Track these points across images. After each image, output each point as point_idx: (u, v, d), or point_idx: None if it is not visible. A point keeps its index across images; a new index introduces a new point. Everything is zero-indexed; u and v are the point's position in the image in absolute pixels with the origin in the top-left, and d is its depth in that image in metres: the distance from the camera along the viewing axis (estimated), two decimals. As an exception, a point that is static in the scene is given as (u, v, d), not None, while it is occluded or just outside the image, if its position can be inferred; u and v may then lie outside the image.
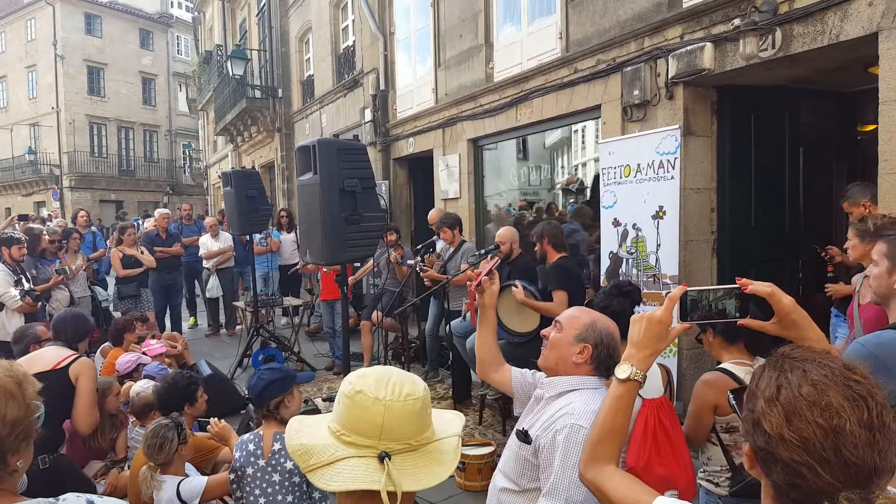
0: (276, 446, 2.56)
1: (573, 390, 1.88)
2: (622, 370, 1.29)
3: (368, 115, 9.37)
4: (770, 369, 0.94)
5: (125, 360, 4.42)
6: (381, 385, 1.10)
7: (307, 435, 1.14)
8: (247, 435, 2.67)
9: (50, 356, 3.25)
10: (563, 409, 1.83)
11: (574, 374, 1.91)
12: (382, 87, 9.09)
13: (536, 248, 4.58)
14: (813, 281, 4.91)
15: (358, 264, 6.72)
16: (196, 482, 2.81)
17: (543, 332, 2.06)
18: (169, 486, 2.75)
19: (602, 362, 1.90)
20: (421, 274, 5.68)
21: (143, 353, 4.63)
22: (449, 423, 1.22)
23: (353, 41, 10.48)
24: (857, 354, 1.60)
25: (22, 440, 1.33)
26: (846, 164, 5.82)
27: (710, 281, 4.88)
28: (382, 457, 1.07)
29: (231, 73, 13.19)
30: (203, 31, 22.05)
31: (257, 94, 13.98)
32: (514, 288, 4.24)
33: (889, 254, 1.69)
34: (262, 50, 14.45)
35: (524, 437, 1.90)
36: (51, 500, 1.31)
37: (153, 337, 5.50)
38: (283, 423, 2.64)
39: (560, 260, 4.46)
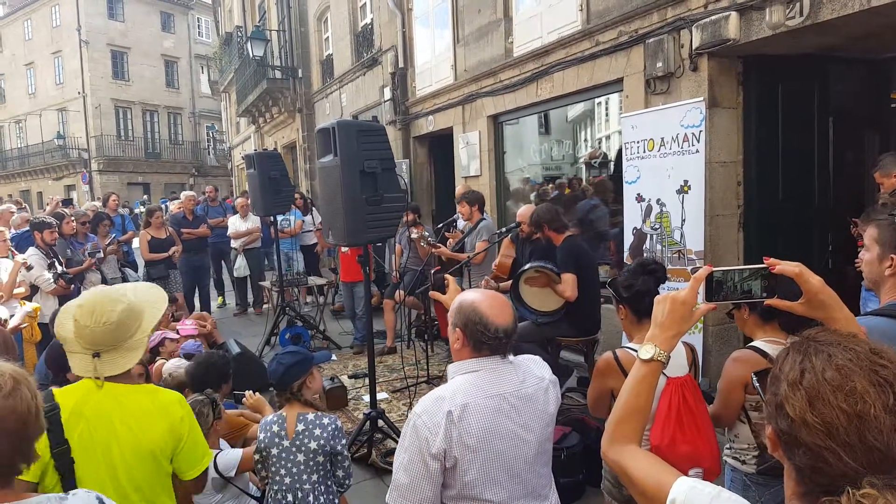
0: (300, 427, 2.61)
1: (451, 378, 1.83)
2: (646, 351, 1.29)
3: (388, 93, 9.32)
4: (794, 353, 0.93)
5: (151, 338, 4.56)
6: (87, 316, 1.83)
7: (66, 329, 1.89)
8: (270, 416, 2.73)
9: None
10: None
11: (458, 361, 1.81)
12: (401, 64, 9.02)
13: (539, 236, 4.50)
14: (843, 255, 4.80)
15: (380, 244, 6.77)
16: (232, 454, 2.90)
17: None
18: None
19: (477, 339, 1.74)
20: (426, 247, 5.67)
21: (177, 332, 4.77)
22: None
23: (371, 19, 10.40)
24: None
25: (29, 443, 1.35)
26: (878, 133, 5.64)
27: (737, 256, 4.82)
28: (94, 355, 1.84)
29: (251, 55, 13.21)
30: (223, 12, 22.06)
31: (277, 74, 14.00)
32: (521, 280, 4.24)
33: (880, 239, 1.65)
34: (281, 30, 14.42)
35: None
36: (61, 495, 1.37)
37: (175, 318, 5.64)
38: (307, 404, 2.70)
39: (567, 240, 4.33)
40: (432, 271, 5.45)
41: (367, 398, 4.25)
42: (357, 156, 3.45)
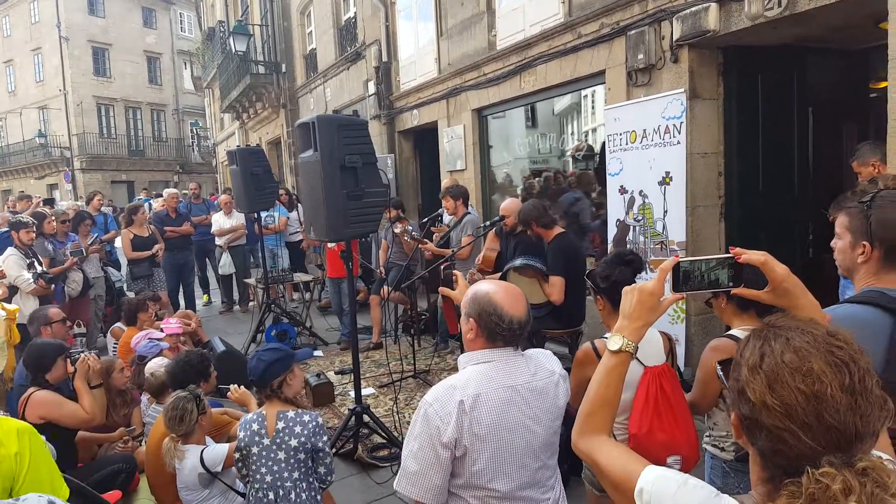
0: (280, 425, 2.60)
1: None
2: (614, 342, 1.30)
3: (372, 87, 9.28)
4: (754, 339, 0.95)
5: (136, 338, 4.53)
6: None
7: None
8: (250, 415, 2.72)
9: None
10: None
11: (471, 351, 1.81)
12: (385, 58, 8.97)
13: (529, 233, 4.50)
14: (824, 243, 4.84)
15: (366, 240, 6.75)
16: (218, 449, 2.89)
17: None
18: (192, 455, 2.85)
19: (491, 330, 1.75)
20: (410, 242, 5.67)
21: (161, 331, 4.73)
22: None
23: (355, 12, 10.33)
24: None
25: None
26: (858, 123, 5.69)
27: (719, 246, 4.85)
28: None
29: (234, 50, 13.09)
30: (205, 7, 21.82)
31: (261, 69, 13.88)
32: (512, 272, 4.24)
33: (850, 226, 1.65)
34: (263, 25, 14.29)
35: None
36: (11, 500, 1.37)
37: (158, 317, 5.59)
38: (287, 401, 2.69)
39: (557, 240, 4.33)
40: (442, 268, 5.44)
41: (353, 394, 4.24)
42: (337, 150, 3.43)
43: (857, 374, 0.85)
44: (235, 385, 3.37)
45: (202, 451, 2.88)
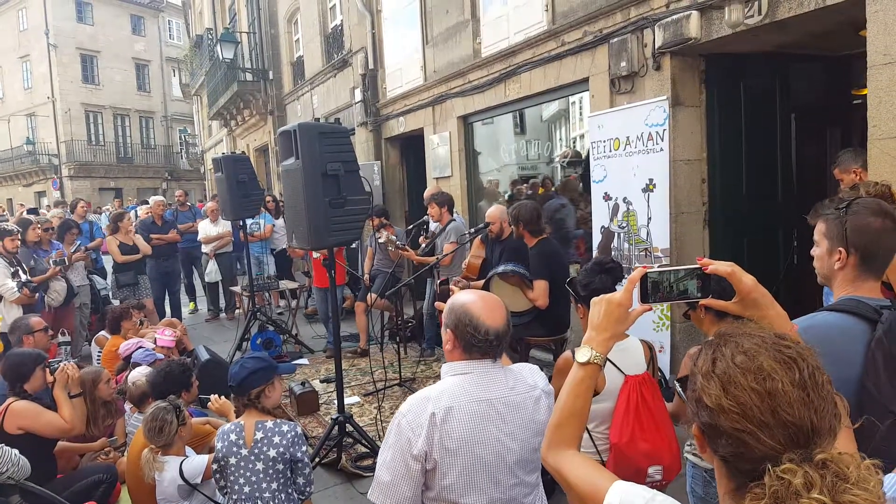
0: (259, 435, 2.57)
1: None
2: (582, 354, 1.28)
3: (358, 94, 9.27)
4: (706, 348, 0.96)
5: (126, 345, 4.51)
6: None
7: None
8: (227, 425, 2.69)
9: None
10: None
11: (450, 362, 1.80)
12: (371, 66, 8.97)
13: (513, 233, 4.51)
14: (809, 250, 4.86)
15: (352, 246, 6.72)
16: (198, 460, 2.86)
17: None
18: (172, 466, 2.81)
19: (467, 341, 1.73)
20: (394, 250, 5.65)
21: (154, 342, 4.70)
22: None
23: (341, 20, 10.34)
24: None
25: None
26: (840, 130, 5.74)
27: (703, 253, 4.86)
28: None
29: (221, 57, 13.06)
30: (193, 14, 21.78)
31: (248, 77, 13.85)
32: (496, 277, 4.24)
33: (828, 233, 1.65)
34: (251, 32, 14.27)
35: None
36: None
37: (142, 323, 5.54)
38: (265, 412, 2.66)
39: (540, 245, 4.36)
40: (438, 282, 5.42)
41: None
42: (319, 158, 3.40)
43: (807, 370, 0.86)
44: (216, 395, 3.35)
45: (181, 463, 2.84)
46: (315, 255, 6.20)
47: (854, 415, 1.27)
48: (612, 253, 4.99)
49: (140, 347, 4.46)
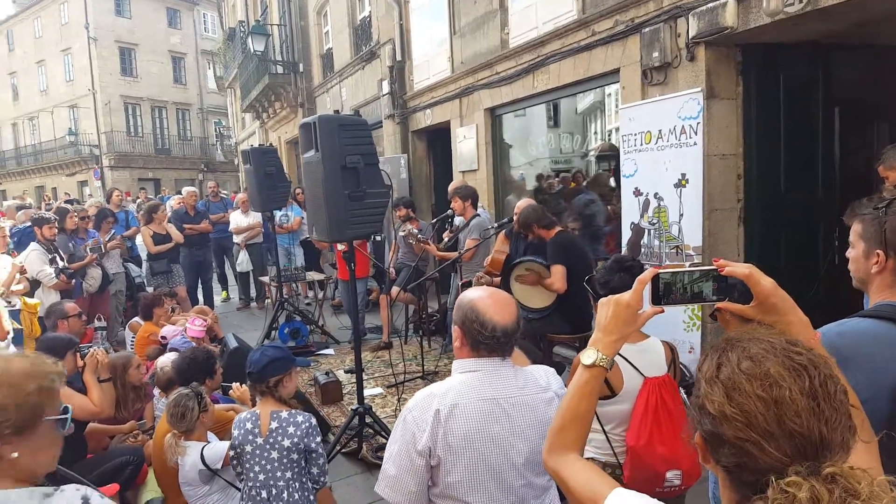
0: (274, 425, 2.61)
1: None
2: (587, 356, 1.24)
3: (386, 87, 9.25)
4: (712, 353, 0.92)
5: (171, 331, 4.76)
6: None
7: None
8: (244, 413, 2.74)
9: None
10: None
11: (460, 359, 1.78)
12: (399, 57, 8.93)
13: (531, 237, 4.47)
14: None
15: (378, 238, 6.72)
16: (218, 446, 2.92)
17: None
18: (193, 452, 2.88)
19: (474, 338, 1.70)
20: (417, 244, 5.65)
21: (185, 329, 4.88)
22: None
23: (369, 11, 10.32)
24: None
25: (13, 431, 1.33)
26: (887, 123, 5.48)
27: (738, 252, 4.71)
28: None
29: (252, 50, 13.19)
30: (227, 7, 22.07)
31: (279, 69, 13.97)
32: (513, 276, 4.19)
33: (864, 234, 1.54)
34: (282, 24, 14.38)
35: None
36: (50, 488, 1.35)
37: (174, 311, 5.71)
38: (281, 401, 2.69)
39: (557, 236, 4.35)
40: (460, 283, 5.40)
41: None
42: (339, 150, 3.39)
43: (818, 378, 0.81)
44: (237, 383, 3.40)
45: (203, 448, 2.90)
46: (340, 247, 6.23)
47: (886, 425, 1.18)
48: (642, 250, 4.87)
49: (181, 335, 4.60)
